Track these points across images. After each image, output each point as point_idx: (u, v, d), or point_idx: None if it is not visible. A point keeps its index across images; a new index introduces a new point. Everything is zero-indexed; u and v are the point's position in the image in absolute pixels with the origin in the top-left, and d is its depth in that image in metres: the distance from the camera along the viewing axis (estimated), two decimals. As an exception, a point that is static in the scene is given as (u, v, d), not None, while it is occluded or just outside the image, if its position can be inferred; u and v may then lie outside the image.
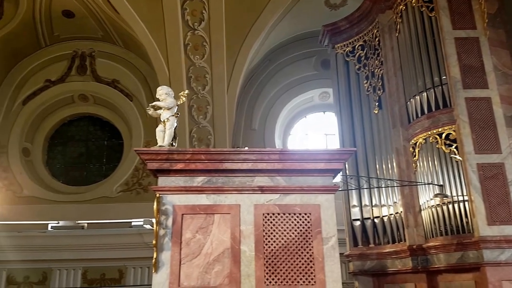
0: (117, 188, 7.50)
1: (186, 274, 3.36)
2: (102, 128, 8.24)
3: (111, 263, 6.97)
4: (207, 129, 7.01)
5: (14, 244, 6.87)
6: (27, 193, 7.41)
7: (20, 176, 7.45)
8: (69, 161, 8.01)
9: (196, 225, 3.47)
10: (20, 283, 6.95)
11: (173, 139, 3.56)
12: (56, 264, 6.97)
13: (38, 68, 7.93)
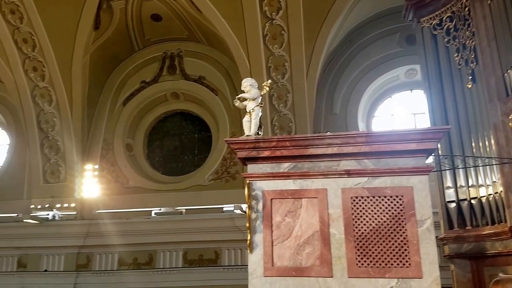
0: (209, 177, 8.00)
1: (279, 255, 3.51)
2: (193, 122, 8.83)
3: (207, 245, 7.53)
4: (288, 117, 7.13)
5: (123, 230, 7.77)
6: (132, 184, 8.23)
7: (126, 169, 8.30)
8: (166, 154, 8.75)
9: (284, 209, 3.59)
10: (130, 264, 7.81)
11: (259, 128, 3.71)
12: (160, 246, 7.72)
13: (134, 71, 8.73)
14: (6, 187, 8.52)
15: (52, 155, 8.07)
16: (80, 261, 7.90)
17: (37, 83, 7.84)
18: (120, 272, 7.76)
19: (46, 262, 7.93)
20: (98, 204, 8.00)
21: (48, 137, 8.06)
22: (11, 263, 8.19)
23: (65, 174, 8.07)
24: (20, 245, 8.03)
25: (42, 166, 8.10)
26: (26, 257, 8.07)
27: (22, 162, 8.55)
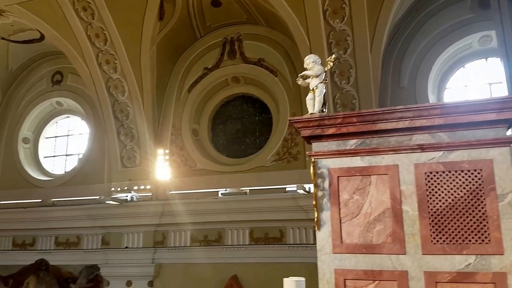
0: (270, 158, 8.10)
1: (348, 232, 3.50)
2: (253, 105, 8.93)
3: (272, 224, 7.69)
4: (351, 94, 6.93)
5: (193, 209, 8.18)
6: (200, 167, 8.59)
7: (193, 153, 8.68)
8: (229, 137, 8.97)
9: (352, 187, 3.55)
10: (201, 241, 8.22)
11: (323, 105, 3.68)
12: (228, 225, 8.03)
13: (196, 58, 8.98)
14: (89, 172, 9.34)
15: (128, 142, 8.64)
16: (157, 238, 8.48)
17: (110, 75, 8.37)
18: (192, 248, 8.23)
19: (126, 240, 8.59)
20: (170, 186, 8.48)
21: (123, 125, 8.63)
22: (96, 240, 9.01)
23: (140, 159, 8.62)
24: (103, 225, 8.78)
25: (120, 152, 8.72)
26: (109, 235, 8.81)
27: (102, 149, 9.28)
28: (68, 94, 9.92)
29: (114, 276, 8.54)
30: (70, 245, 9.18)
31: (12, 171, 9.97)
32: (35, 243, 9.47)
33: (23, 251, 9.52)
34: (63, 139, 10.44)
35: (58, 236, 9.29)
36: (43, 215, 9.24)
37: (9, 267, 9.54)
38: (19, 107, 10.20)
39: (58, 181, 9.65)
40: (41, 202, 9.36)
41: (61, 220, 9.11)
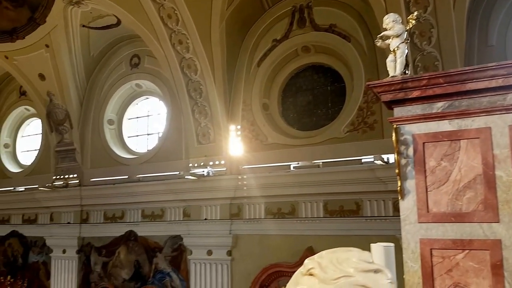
0: (344, 129, 7.88)
1: (434, 201, 3.37)
2: (325, 74, 8.66)
3: (348, 196, 7.56)
4: (433, 55, 6.42)
5: (266, 183, 8.34)
6: (271, 141, 8.67)
7: (264, 127, 8.75)
8: (300, 110, 8.86)
9: (440, 153, 3.39)
10: (275, 213, 8.37)
11: (405, 67, 3.49)
12: (301, 198, 8.07)
13: (265, 31, 8.88)
14: (168, 150, 9.92)
15: (202, 119, 8.98)
16: (233, 210, 8.82)
17: (183, 55, 8.67)
18: (266, 220, 8.44)
19: (205, 212, 9.06)
20: (242, 160, 8.71)
21: (197, 104, 8.96)
22: (178, 213, 9.62)
23: (214, 135, 8.93)
24: (183, 198, 9.32)
25: (195, 130, 9.10)
26: (189, 208, 9.35)
27: (179, 128, 9.76)
28: (145, 76, 10.48)
29: (196, 246, 9.10)
30: (155, 217, 9.91)
31: (100, 151, 10.91)
32: (124, 216, 10.36)
33: (114, 223, 10.48)
34: (144, 120, 11.16)
35: (144, 209, 10.07)
36: (130, 190, 10.04)
37: (102, 239, 10.60)
38: (102, 91, 11.02)
39: (142, 159, 10.38)
40: (128, 179, 10.17)
41: (146, 194, 9.84)
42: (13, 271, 11.99)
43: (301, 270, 1.45)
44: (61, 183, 10.96)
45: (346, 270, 1.36)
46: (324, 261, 1.41)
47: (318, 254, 1.45)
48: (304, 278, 1.42)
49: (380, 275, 1.38)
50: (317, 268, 1.39)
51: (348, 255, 1.42)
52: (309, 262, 1.44)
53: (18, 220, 12.27)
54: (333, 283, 1.34)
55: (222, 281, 8.71)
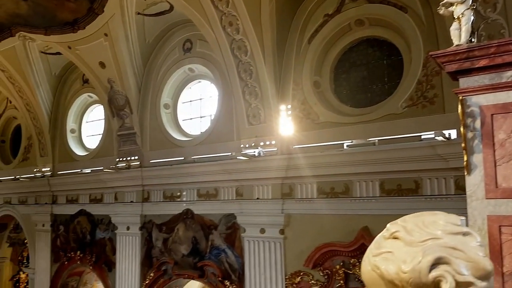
0: (402, 104, 7.54)
1: (504, 176, 3.19)
2: (380, 48, 8.30)
3: (406, 174, 7.31)
4: (498, 23, 5.91)
5: (318, 162, 8.25)
6: (323, 120, 8.52)
7: (315, 106, 8.61)
8: (354, 86, 8.58)
9: (510, 125, 3.19)
10: (328, 193, 8.31)
11: (470, 34, 3.28)
12: (355, 177, 7.91)
13: (316, 6, 8.63)
14: (221, 131, 10.14)
15: (252, 100, 9.02)
16: (284, 190, 8.88)
17: (233, 37, 8.70)
18: (319, 199, 8.40)
19: (257, 191, 9.20)
20: (293, 140, 8.69)
21: (248, 85, 9.00)
22: (231, 192, 9.87)
23: (264, 115, 8.96)
24: (236, 178, 9.52)
25: (246, 111, 9.18)
26: (242, 188, 9.55)
27: (230, 110, 9.92)
28: (197, 60, 10.71)
29: (249, 224, 9.31)
30: (209, 196, 10.25)
31: (158, 134, 11.40)
32: (181, 195, 10.82)
33: (172, 202, 10.99)
34: (197, 103, 11.47)
35: (199, 189, 10.45)
36: (186, 170, 10.44)
37: (162, 216, 11.17)
38: (158, 76, 11.42)
39: (196, 141, 10.72)
40: (183, 160, 10.56)
41: (201, 174, 10.18)
42: (82, 247, 13.04)
43: (384, 234, 1.43)
44: (123, 165, 11.64)
45: (434, 232, 1.33)
46: (409, 224, 1.38)
47: (401, 219, 1.43)
48: (387, 241, 1.41)
49: (469, 237, 1.33)
50: (402, 231, 1.37)
51: (434, 218, 1.38)
52: (393, 226, 1.42)
53: (86, 200, 13.26)
54: (420, 245, 1.31)
55: (275, 258, 8.88)
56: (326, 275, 8.14)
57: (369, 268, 1.44)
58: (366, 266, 1.47)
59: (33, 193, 14.84)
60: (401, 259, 1.33)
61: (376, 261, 1.41)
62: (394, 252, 1.36)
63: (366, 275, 1.47)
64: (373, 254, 1.44)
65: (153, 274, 11.09)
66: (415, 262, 1.29)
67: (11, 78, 13.35)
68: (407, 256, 1.31)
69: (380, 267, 1.38)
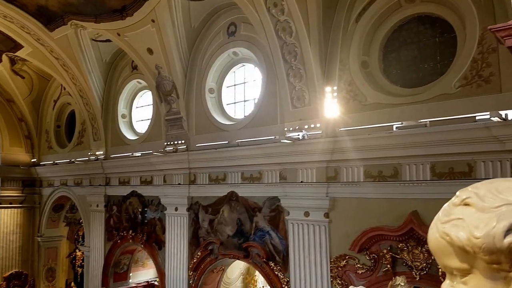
0: (455, 84, 7.15)
1: None
2: (432, 25, 7.89)
3: (458, 157, 6.98)
4: None
5: (366, 145, 8.06)
6: (371, 101, 8.27)
7: (363, 87, 8.37)
8: (404, 65, 8.22)
9: None
10: (375, 176, 8.11)
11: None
12: (404, 160, 7.66)
13: (364, -17, 8.36)
14: (264, 115, 10.17)
15: (297, 83, 8.93)
16: (329, 173, 8.78)
17: (278, 18, 8.60)
18: (366, 183, 8.23)
19: (301, 175, 9.17)
20: (339, 123, 8.53)
21: (292, 67, 8.90)
22: (275, 175, 9.92)
23: (309, 98, 8.85)
24: (280, 161, 9.54)
25: (290, 94, 9.11)
26: (286, 171, 9.56)
27: (274, 93, 9.91)
28: (242, 44, 10.74)
29: (292, 207, 9.34)
30: (253, 179, 10.36)
31: (203, 118, 11.65)
32: (226, 178, 11.03)
33: (217, 184, 11.23)
34: (240, 87, 11.56)
35: (243, 172, 10.59)
36: (230, 154, 10.61)
37: (208, 198, 11.47)
38: (203, 61, 11.60)
39: (240, 125, 10.84)
40: (228, 143, 10.73)
41: (245, 158, 10.32)
42: (134, 226, 13.72)
43: (453, 201, 1.40)
44: (171, 149, 12.04)
45: (508, 198, 1.29)
46: (481, 190, 1.34)
47: (472, 186, 1.39)
48: (457, 208, 1.37)
49: None
50: (474, 197, 1.33)
51: (509, 184, 1.34)
52: (463, 193, 1.38)
53: (137, 182, 13.88)
54: (493, 211, 1.28)
55: (320, 241, 8.87)
56: (372, 259, 8.03)
57: (437, 236, 1.42)
58: (434, 234, 1.44)
59: (88, 175, 15.74)
60: (473, 225, 1.29)
61: (445, 228, 1.38)
62: (465, 219, 1.33)
63: (433, 243, 1.45)
64: (441, 222, 1.42)
65: (200, 253, 11.48)
66: (489, 227, 1.26)
67: (65, 65, 14.10)
68: (480, 222, 1.28)
69: (450, 233, 1.36)
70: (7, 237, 18.04)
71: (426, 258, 7.26)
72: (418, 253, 7.38)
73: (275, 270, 9.79)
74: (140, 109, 14.83)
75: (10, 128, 18.25)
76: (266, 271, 9.98)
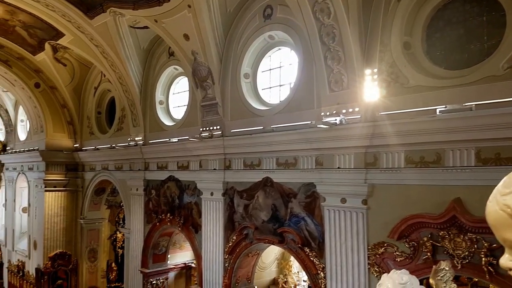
0: (504, 65, 6.72)
1: None
2: (479, 3, 7.42)
3: (506, 142, 6.60)
4: None
5: (407, 130, 7.77)
6: (413, 83, 7.94)
7: (405, 68, 8.03)
8: (448, 46, 7.80)
9: None
10: (417, 162, 7.83)
11: None
12: (448, 145, 7.34)
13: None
14: (300, 99, 10.04)
15: (335, 65, 8.70)
16: (368, 159, 8.57)
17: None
18: (407, 169, 7.99)
19: (338, 160, 9.01)
20: (379, 106, 8.28)
21: (330, 49, 8.68)
22: (311, 161, 9.81)
23: (347, 81, 8.62)
24: (316, 147, 9.42)
25: (327, 77, 8.90)
26: (322, 157, 9.43)
27: (310, 77, 9.74)
28: (278, 27, 10.58)
29: (329, 193, 9.23)
30: (288, 165, 10.32)
31: (238, 104, 11.67)
32: (261, 163, 11.05)
33: (252, 170, 11.29)
34: (276, 71, 11.45)
35: (278, 158, 10.57)
36: (265, 140, 10.59)
37: (242, 183, 11.56)
38: (239, 46, 11.56)
39: (275, 110, 10.77)
40: (263, 129, 10.72)
41: (280, 143, 10.26)
42: (172, 210, 14.12)
43: None
44: (207, 134, 12.19)
45: None
46: None
47: None
48: None
49: None
50: None
51: None
52: None
53: (174, 167, 14.21)
54: None
55: (357, 228, 8.74)
56: (412, 247, 7.84)
57: (497, 208, 1.36)
58: (493, 207, 1.39)
59: (128, 160, 16.29)
60: None
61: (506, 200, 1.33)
62: None
63: (492, 216, 1.39)
64: (501, 194, 1.36)
65: (236, 237, 11.65)
66: None
67: (104, 53, 14.51)
68: None
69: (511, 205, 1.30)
70: (52, 219, 19.07)
71: (468, 247, 7.00)
72: (460, 242, 7.12)
73: (310, 256, 9.77)
74: (177, 96, 15.07)
75: (53, 114, 19.12)
76: (301, 257, 9.99)
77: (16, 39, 16.60)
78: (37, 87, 18.45)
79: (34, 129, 20.28)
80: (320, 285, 9.55)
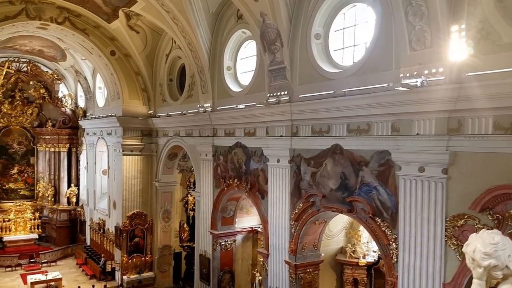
0: None
1: None
2: None
3: None
4: None
5: (498, 92, 6.91)
6: (506, 40, 6.98)
7: (498, 24, 7.06)
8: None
9: None
10: (507, 129, 6.99)
11: None
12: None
13: None
14: (376, 60, 9.35)
15: (417, 22, 7.90)
16: (451, 125, 7.82)
17: None
18: (495, 136, 7.16)
19: (417, 126, 8.33)
20: (466, 66, 7.42)
21: (412, 4, 7.86)
22: (386, 127, 9.20)
23: (430, 39, 7.80)
24: (393, 112, 8.78)
25: (408, 35, 8.14)
26: (399, 122, 8.78)
27: (389, 35, 8.98)
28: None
29: (405, 162, 8.64)
30: (361, 131, 9.80)
31: (308, 67, 11.23)
32: (330, 130, 10.65)
33: (320, 137, 10.93)
34: (350, 30, 10.73)
35: (349, 124, 10.07)
36: (335, 105, 10.12)
37: (310, 151, 11.28)
38: (310, 4, 10.97)
39: (348, 72, 10.18)
40: (333, 93, 10.23)
41: (352, 109, 9.74)
42: (239, 175, 14.35)
43: None
44: (274, 100, 11.98)
45: None
46: None
47: None
48: None
49: None
50: None
51: None
52: None
53: (241, 133, 14.31)
54: None
55: (435, 199, 8.14)
56: (496, 219, 7.16)
57: None
58: None
59: (197, 126, 16.74)
60: None
61: None
62: None
63: None
64: None
65: (302, 204, 11.54)
66: None
67: (175, 18, 14.69)
68: None
69: None
70: (130, 181, 20.48)
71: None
72: (550, 216, 6.30)
73: (382, 226, 9.37)
74: (245, 61, 14.95)
75: (128, 82, 20.12)
76: (372, 227, 9.62)
77: (92, 7, 17.42)
78: (113, 55, 19.42)
79: (111, 96, 21.57)
80: (391, 256, 9.17)
